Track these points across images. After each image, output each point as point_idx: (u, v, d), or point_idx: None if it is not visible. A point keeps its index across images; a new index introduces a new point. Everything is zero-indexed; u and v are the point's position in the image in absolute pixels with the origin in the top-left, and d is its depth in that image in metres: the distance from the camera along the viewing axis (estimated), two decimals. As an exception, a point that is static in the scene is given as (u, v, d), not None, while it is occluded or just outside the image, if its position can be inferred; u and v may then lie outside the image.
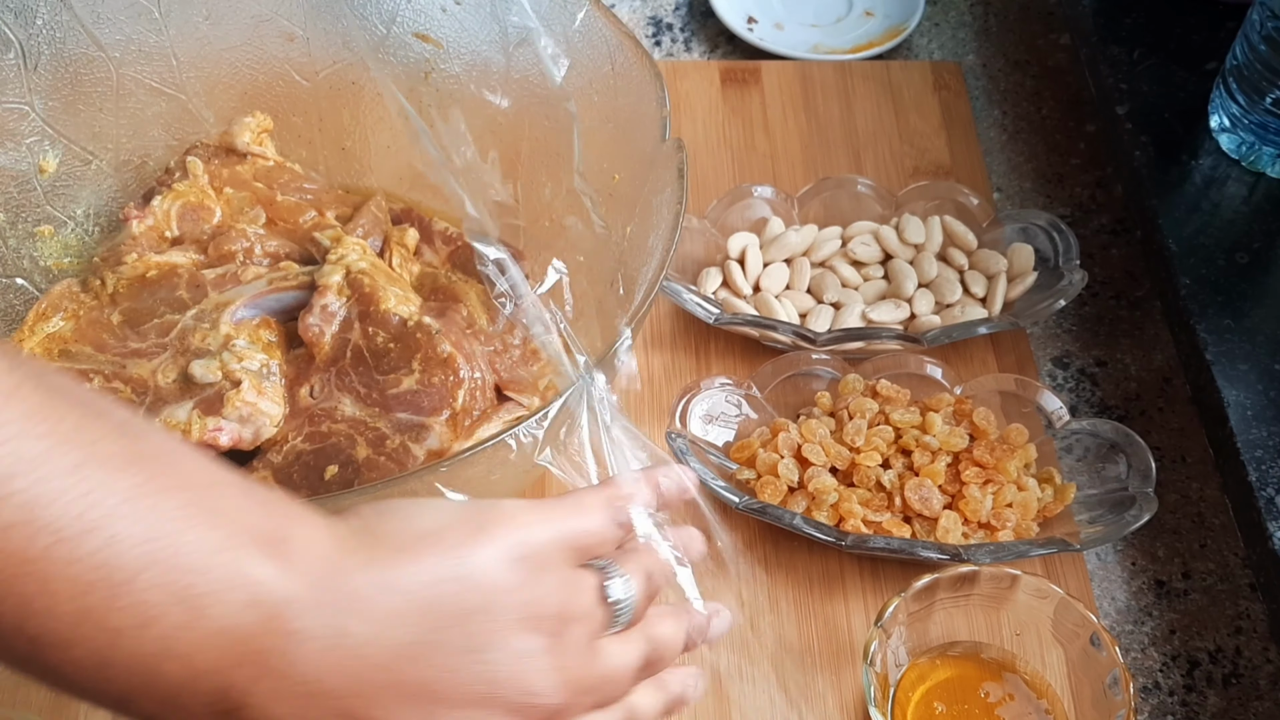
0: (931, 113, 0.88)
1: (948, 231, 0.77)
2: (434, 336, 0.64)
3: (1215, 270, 0.70)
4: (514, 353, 0.66)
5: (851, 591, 0.66)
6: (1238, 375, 0.65)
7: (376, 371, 0.64)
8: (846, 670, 0.63)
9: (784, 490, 0.66)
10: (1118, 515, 0.64)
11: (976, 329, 0.72)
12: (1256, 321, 0.67)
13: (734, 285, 0.75)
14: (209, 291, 0.67)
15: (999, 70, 0.93)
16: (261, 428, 0.62)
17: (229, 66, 0.73)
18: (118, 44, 0.69)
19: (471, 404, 0.63)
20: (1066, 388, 0.75)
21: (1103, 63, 0.80)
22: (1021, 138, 0.88)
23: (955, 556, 0.62)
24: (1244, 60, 0.72)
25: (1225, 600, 0.67)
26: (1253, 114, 0.73)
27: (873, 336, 0.71)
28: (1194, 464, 0.72)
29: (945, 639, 0.61)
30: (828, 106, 0.88)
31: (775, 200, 0.79)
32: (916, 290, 0.75)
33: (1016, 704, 0.59)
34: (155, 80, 0.71)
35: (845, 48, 0.92)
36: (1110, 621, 0.66)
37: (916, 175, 0.84)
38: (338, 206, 0.73)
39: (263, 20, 0.71)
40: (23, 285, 0.69)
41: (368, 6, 0.70)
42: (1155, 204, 0.73)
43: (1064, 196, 0.85)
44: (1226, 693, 0.64)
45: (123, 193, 0.73)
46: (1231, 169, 0.75)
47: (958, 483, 0.66)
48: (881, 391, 0.69)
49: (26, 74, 0.67)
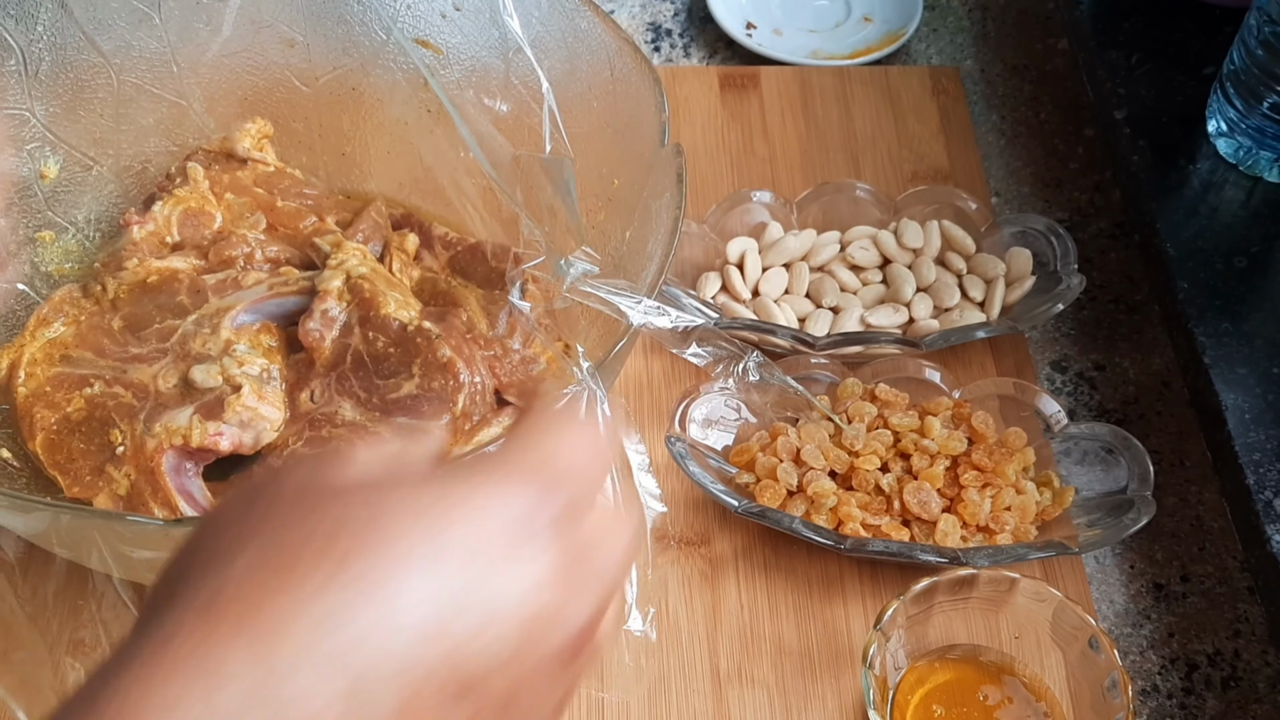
0: (930, 118, 0.88)
1: (946, 236, 0.78)
2: (434, 341, 0.64)
3: (1213, 274, 0.70)
4: (514, 357, 0.66)
5: (850, 595, 0.66)
6: (1236, 379, 0.65)
7: (377, 376, 0.64)
8: (845, 673, 0.63)
9: (783, 494, 0.66)
10: (1116, 518, 0.64)
11: (975, 333, 0.72)
12: (1254, 325, 0.67)
13: (733, 290, 0.75)
14: (209, 297, 0.67)
15: (997, 75, 0.93)
16: (262, 432, 0.62)
17: (229, 72, 0.73)
18: (118, 50, 0.69)
19: (471, 408, 0.63)
20: (1065, 391, 0.76)
21: (1101, 67, 0.80)
22: (1020, 142, 0.88)
23: (954, 560, 0.62)
24: (1241, 65, 0.72)
25: (1224, 603, 0.67)
26: (1250, 118, 0.73)
27: (871, 341, 0.71)
28: (1192, 467, 0.72)
29: (944, 642, 0.61)
30: (826, 112, 0.88)
31: (774, 205, 0.79)
32: (915, 295, 0.75)
33: (1015, 707, 0.59)
34: (156, 86, 0.71)
35: (844, 53, 0.93)
36: (1109, 624, 0.66)
37: (915, 180, 0.84)
38: (338, 212, 0.73)
39: (263, 26, 0.72)
40: (23, 290, 0.69)
41: (367, 13, 0.70)
42: (1153, 208, 0.73)
43: (1062, 201, 0.85)
44: (1225, 696, 0.64)
45: (123, 198, 0.73)
46: (1229, 173, 0.75)
47: (956, 486, 0.66)
48: (880, 395, 0.69)
49: (27, 80, 0.67)
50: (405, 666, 0.27)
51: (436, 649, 0.27)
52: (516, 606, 0.28)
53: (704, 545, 0.67)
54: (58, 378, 0.64)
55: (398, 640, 0.27)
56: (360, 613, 0.26)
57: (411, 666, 0.27)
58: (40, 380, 0.64)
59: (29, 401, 0.63)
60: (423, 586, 0.27)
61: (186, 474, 0.61)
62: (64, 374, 0.64)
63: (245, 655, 0.26)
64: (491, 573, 0.28)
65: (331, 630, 0.26)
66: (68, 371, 0.64)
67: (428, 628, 0.27)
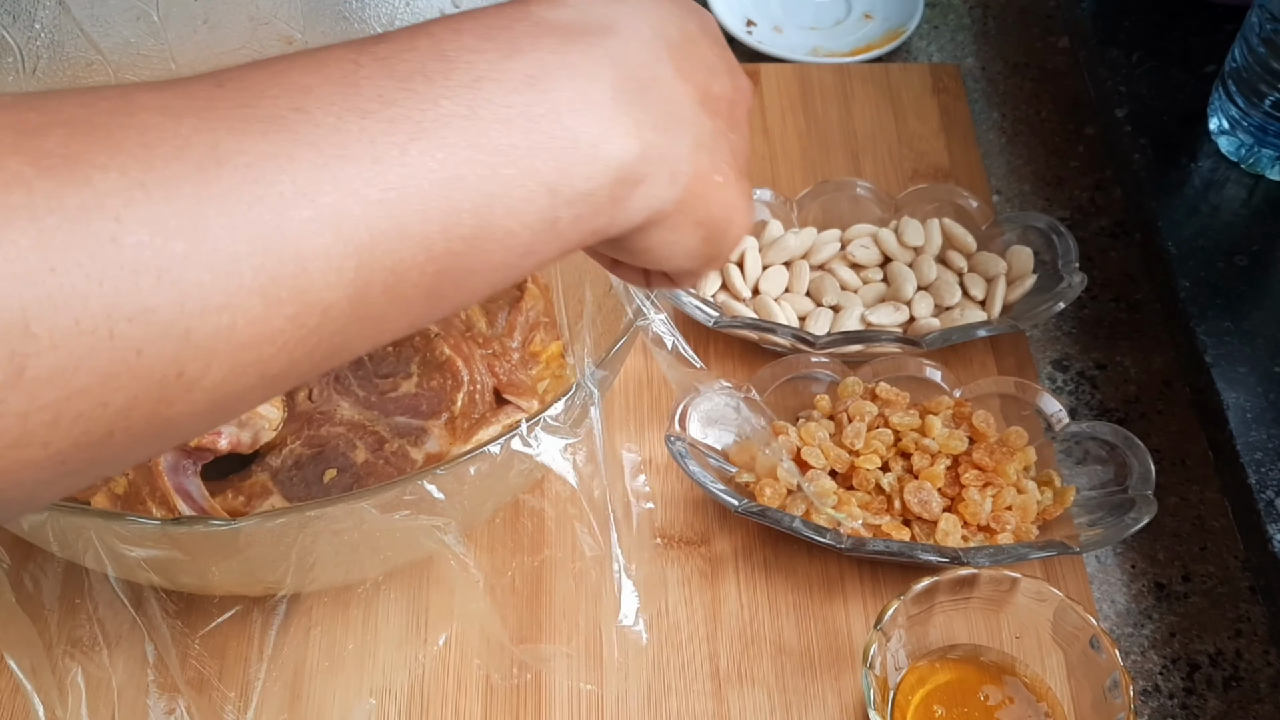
0: (930, 115, 0.88)
1: (947, 234, 0.77)
2: (433, 340, 0.64)
3: (1214, 273, 0.70)
4: (512, 356, 0.66)
5: (851, 594, 0.66)
6: (1237, 378, 0.65)
7: (375, 375, 0.63)
8: (846, 673, 0.63)
9: (783, 493, 0.66)
10: (1117, 518, 0.63)
11: (976, 332, 0.72)
12: (1256, 324, 0.67)
13: (733, 288, 0.75)
14: (208, 295, 0.67)
15: (998, 73, 0.93)
16: (260, 431, 0.62)
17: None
18: (116, 48, 0.69)
19: (470, 407, 0.63)
20: (1066, 390, 0.75)
21: (1102, 65, 0.80)
22: (1020, 140, 0.88)
23: (955, 559, 0.62)
24: (1243, 63, 0.72)
25: (1225, 603, 0.67)
26: (1252, 116, 0.73)
27: (872, 339, 0.71)
28: (1194, 467, 0.72)
29: (945, 642, 0.61)
30: (826, 109, 0.88)
31: (774, 203, 0.79)
32: (916, 293, 0.75)
33: (1016, 707, 0.59)
34: (154, 84, 0.71)
35: (844, 51, 0.92)
36: (1110, 624, 0.66)
37: (915, 178, 0.84)
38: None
39: (261, 24, 0.71)
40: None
41: (366, 10, 0.70)
42: (1154, 207, 0.73)
43: (1063, 199, 0.85)
44: (1226, 696, 0.64)
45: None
46: (1230, 171, 0.75)
47: (957, 485, 0.66)
48: (881, 394, 0.69)
49: (24, 78, 0.66)
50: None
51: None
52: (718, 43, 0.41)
53: (704, 545, 0.67)
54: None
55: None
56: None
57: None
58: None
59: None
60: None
61: (184, 472, 0.61)
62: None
63: None
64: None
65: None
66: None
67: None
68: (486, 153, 0.32)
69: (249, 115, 0.29)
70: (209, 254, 0.27)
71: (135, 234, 0.26)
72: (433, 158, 0.31)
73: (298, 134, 0.29)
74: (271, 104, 0.29)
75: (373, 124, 0.30)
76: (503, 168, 0.32)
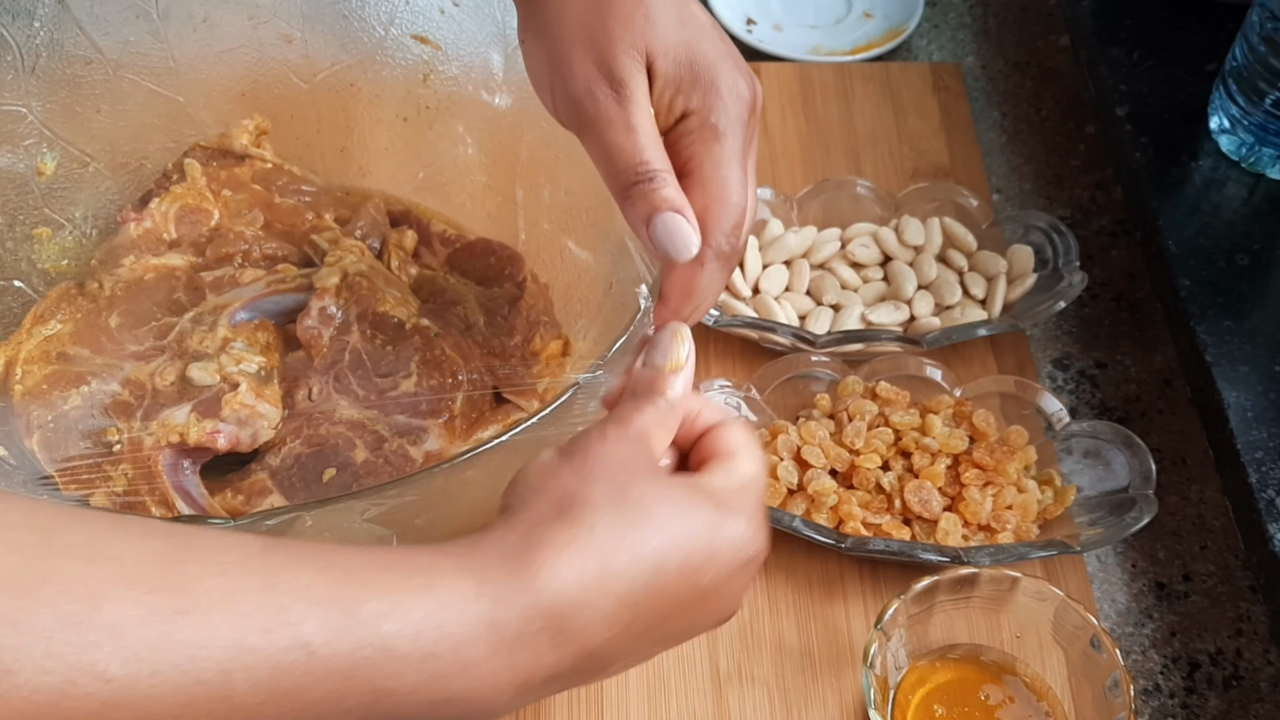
0: (931, 114, 0.87)
1: (947, 233, 0.77)
2: (432, 339, 0.64)
3: (1215, 272, 0.70)
4: (512, 355, 0.66)
5: (851, 594, 0.66)
6: (1238, 377, 0.65)
7: (374, 374, 0.63)
8: (846, 673, 0.63)
9: (783, 492, 0.66)
10: (1118, 517, 0.63)
11: (976, 331, 0.71)
12: (1256, 323, 0.67)
13: (733, 287, 0.75)
14: (207, 294, 0.67)
15: (998, 72, 0.93)
16: (259, 430, 0.62)
17: (227, 68, 0.72)
18: (115, 46, 0.69)
19: (469, 407, 0.63)
20: (1066, 389, 0.75)
21: (1102, 64, 0.80)
22: (1021, 139, 0.88)
23: (955, 559, 0.62)
24: (1243, 62, 0.72)
25: (1226, 602, 0.67)
26: (1252, 115, 0.72)
27: (872, 338, 0.71)
28: (1194, 466, 0.72)
29: (945, 641, 0.61)
30: (827, 108, 0.88)
31: (774, 202, 0.79)
32: (916, 292, 0.75)
33: (1017, 706, 0.59)
34: (153, 82, 0.71)
35: (844, 49, 0.92)
36: (1110, 624, 0.66)
37: (916, 177, 0.84)
38: (336, 208, 0.73)
39: (261, 22, 0.71)
40: (20, 288, 0.69)
41: (366, 8, 0.70)
42: (1155, 205, 0.73)
43: (1064, 198, 0.85)
44: (1227, 695, 0.64)
45: (120, 195, 0.72)
46: (1231, 170, 0.75)
47: (957, 485, 0.66)
48: (881, 394, 0.69)
49: (24, 76, 0.66)
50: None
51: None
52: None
53: (704, 544, 0.67)
54: (54, 375, 0.64)
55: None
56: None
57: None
58: (37, 378, 0.64)
59: (26, 399, 0.63)
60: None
61: (184, 472, 0.61)
62: (61, 371, 0.64)
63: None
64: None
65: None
66: (64, 369, 0.64)
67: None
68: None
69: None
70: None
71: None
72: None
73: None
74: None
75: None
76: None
